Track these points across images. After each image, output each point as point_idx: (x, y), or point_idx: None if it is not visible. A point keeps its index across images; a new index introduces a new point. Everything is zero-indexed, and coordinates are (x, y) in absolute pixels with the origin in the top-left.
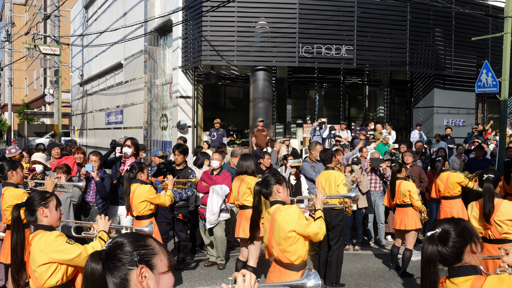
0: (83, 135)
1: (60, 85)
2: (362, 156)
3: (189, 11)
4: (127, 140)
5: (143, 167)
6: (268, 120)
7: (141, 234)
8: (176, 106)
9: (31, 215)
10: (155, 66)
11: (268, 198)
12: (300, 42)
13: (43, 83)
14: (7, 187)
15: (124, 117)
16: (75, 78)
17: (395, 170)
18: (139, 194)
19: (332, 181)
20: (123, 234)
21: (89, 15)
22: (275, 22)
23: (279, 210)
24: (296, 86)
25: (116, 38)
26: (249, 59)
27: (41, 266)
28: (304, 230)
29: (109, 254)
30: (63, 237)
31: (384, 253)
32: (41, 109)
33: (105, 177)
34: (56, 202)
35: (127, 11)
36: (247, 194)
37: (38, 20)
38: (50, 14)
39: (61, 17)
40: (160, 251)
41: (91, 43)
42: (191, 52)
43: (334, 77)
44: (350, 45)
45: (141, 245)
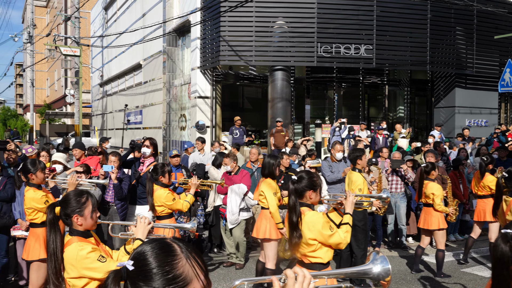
0: (103, 135)
1: (80, 85)
2: (381, 156)
3: (207, 11)
4: (146, 140)
5: (165, 170)
6: (287, 120)
7: (172, 257)
8: (195, 106)
9: (66, 219)
10: (173, 66)
11: (298, 198)
12: (319, 41)
13: (64, 84)
14: (29, 188)
15: (143, 117)
16: (95, 79)
17: (424, 170)
18: (157, 198)
19: (350, 183)
20: (149, 251)
21: (108, 16)
22: (293, 22)
23: (304, 215)
24: (314, 86)
25: (135, 39)
26: (267, 59)
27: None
28: (326, 241)
29: (131, 279)
30: (96, 253)
31: (405, 255)
32: (62, 109)
33: (124, 178)
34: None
35: (146, 12)
36: (262, 196)
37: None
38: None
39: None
40: (193, 276)
41: (111, 44)
42: (209, 52)
43: (353, 76)
44: (369, 45)
45: (169, 279)
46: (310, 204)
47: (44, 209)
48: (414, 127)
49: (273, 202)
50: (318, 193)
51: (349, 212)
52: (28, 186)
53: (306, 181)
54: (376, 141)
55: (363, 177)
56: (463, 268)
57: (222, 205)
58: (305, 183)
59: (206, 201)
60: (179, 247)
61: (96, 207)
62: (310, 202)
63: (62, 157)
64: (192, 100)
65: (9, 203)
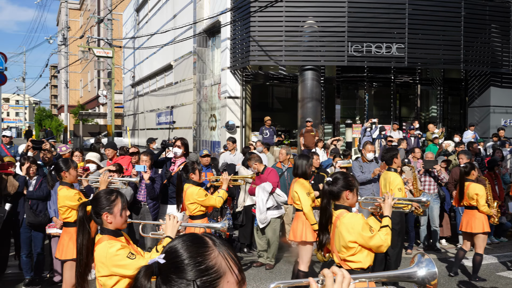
0: (135, 135)
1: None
2: (414, 157)
3: (237, 11)
4: (177, 140)
5: (195, 167)
6: (317, 120)
7: (203, 248)
8: (225, 107)
9: (97, 217)
10: (204, 67)
11: (334, 200)
12: (349, 41)
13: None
14: (62, 187)
15: (174, 117)
16: (127, 80)
17: (463, 171)
18: (189, 196)
19: (388, 183)
20: (180, 243)
21: (140, 18)
22: (324, 21)
23: (343, 217)
24: (345, 85)
25: (166, 40)
26: (297, 59)
27: (103, 276)
28: (366, 243)
29: (163, 273)
30: (125, 250)
31: (438, 258)
32: (95, 110)
33: (156, 177)
34: (122, 206)
35: (176, 13)
36: (296, 197)
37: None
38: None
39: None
40: (227, 268)
41: (142, 45)
42: (239, 52)
43: (385, 76)
44: (401, 43)
45: (202, 270)
46: (348, 206)
47: (77, 207)
48: (447, 127)
49: (306, 203)
50: (355, 194)
51: (388, 214)
52: (61, 185)
53: (341, 181)
54: (408, 141)
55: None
56: (499, 271)
57: (254, 205)
58: (341, 184)
59: (236, 201)
60: (210, 240)
61: (126, 206)
62: (348, 203)
63: (96, 157)
64: (222, 100)
65: (45, 201)
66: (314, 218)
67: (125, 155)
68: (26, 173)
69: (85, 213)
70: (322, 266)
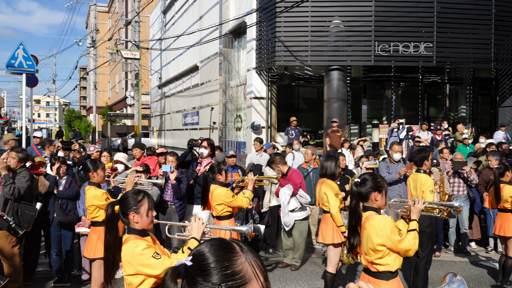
0: (161, 135)
1: (140, 87)
2: (442, 158)
3: (263, 12)
4: (204, 141)
5: (221, 168)
6: (343, 121)
7: (231, 253)
8: (250, 107)
9: (124, 217)
10: (229, 67)
11: (363, 201)
12: (376, 40)
13: (125, 86)
14: (90, 187)
15: (200, 118)
16: (154, 81)
17: (497, 172)
18: (216, 197)
19: (419, 185)
20: (208, 247)
21: (167, 19)
22: (350, 21)
23: (372, 219)
24: (371, 85)
25: (192, 41)
26: (323, 59)
27: (129, 275)
28: (395, 246)
29: (189, 276)
30: (150, 249)
31: (466, 261)
32: (123, 111)
33: (182, 178)
34: (148, 206)
35: (202, 14)
36: (324, 199)
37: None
38: (131, 20)
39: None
40: (252, 275)
41: (169, 46)
42: (265, 53)
43: (412, 75)
44: (429, 42)
45: (228, 274)
46: (376, 208)
47: (105, 206)
48: (477, 127)
49: (334, 204)
50: (384, 195)
51: (415, 218)
52: (89, 185)
53: (370, 182)
54: (435, 142)
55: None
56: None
57: (279, 205)
58: (370, 185)
59: (261, 202)
60: (238, 246)
61: (152, 206)
62: (376, 205)
63: (124, 157)
64: (247, 101)
65: (74, 200)
66: (342, 220)
67: (152, 155)
68: (56, 173)
69: (113, 212)
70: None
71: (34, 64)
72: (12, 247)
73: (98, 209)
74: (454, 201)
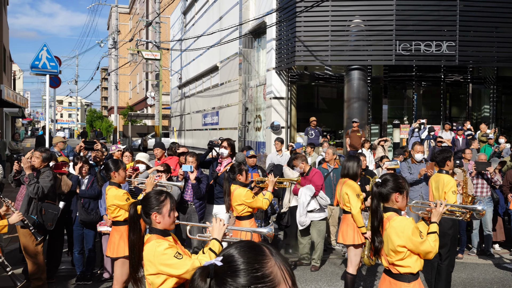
0: (181, 135)
1: (160, 88)
2: (465, 158)
3: (282, 12)
4: (224, 141)
5: (242, 169)
6: (363, 121)
7: (261, 256)
8: (270, 107)
9: (146, 217)
10: (249, 68)
11: (383, 202)
12: (397, 39)
13: (145, 87)
14: (111, 187)
15: (219, 118)
16: (174, 81)
17: None
18: (237, 197)
19: (441, 186)
20: (239, 248)
21: (187, 20)
22: (371, 20)
23: (392, 220)
24: (392, 85)
25: (212, 41)
26: (343, 58)
27: (151, 275)
28: (416, 248)
29: (218, 276)
30: (172, 249)
31: (490, 263)
32: (143, 111)
33: (202, 178)
34: (170, 206)
35: (222, 15)
36: (346, 199)
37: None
38: (151, 21)
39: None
40: (281, 279)
41: (189, 47)
42: (284, 53)
43: (434, 75)
44: (451, 41)
45: (258, 277)
46: (397, 209)
47: (126, 206)
48: (501, 127)
49: (356, 204)
50: (405, 197)
51: (436, 221)
52: (110, 185)
53: (391, 183)
54: (456, 142)
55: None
56: None
57: None
58: (391, 186)
59: (281, 202)
60: (268, 250)
61: (174, 207)
62: (397, 206)
63: (145, 157)
64: (267, 101)
65: (96, 200)
66: (363, 221)
67: (173, 155)
68: (79, 173)
69: (136, 212)
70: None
71: (57, 65)
72: (36, 245)
73: (119, 209)
74: (477, 204)
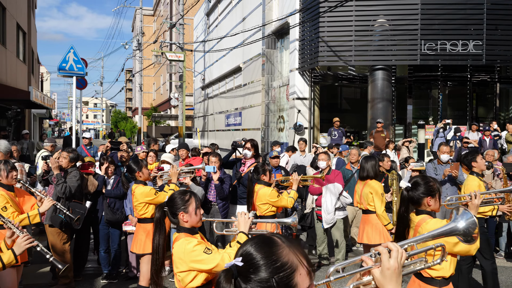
0: (204, 136)
1: (184, 89)
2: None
3: (306, 12)
4: (247, 142)
5: (266, 169)
6: (387, 121)
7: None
8: (293, 108)
9: (173, 217)
10: (272, 68)
11: (415, 206)
12: (423, 39)
13: (169, 88)
14: (137, 185)
15: (242, 119)
16: (197, 82)
17: None
18: (261, 196)
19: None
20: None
21: (210, 22)
22: (395, 19)
23: (426, 223)
24: (417, 85)
25: (235, 42)
26: (367, 58)
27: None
28: (451, 249)
29: (242, 275)
30: (201, 245)
31: None
32: (167, 112)
33: (225, 178)
34: (196, 204)
35: (245, 16)
36: (370, 198)
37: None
38: (175, 23)
39: (185, 25)
40: (298, 262)
41: (212, 48)
42: (308, 53)
43: (460, 74)
44: (478, 40)
45: (278, 267)
46: (431, 211)
47: (155, 200)
48: None
49: (380, 204)
50: (437, 199)
51: (474, 214)
52: (136, 184)
53: (422, 187)
54: (483, 143)
55: (480, 180)
56: None
57: (318, 207)
58: (422, 190)
59: (304, 203)
60: (279, 239)
61: (199, 205)
62: (430, 209)
63: (170, 158)
64: (290, 102)
65: (122, 199)
66: (388, 218)
67: (197, 156)
68: (105, 173)
69: (162, 214)
70: None
71: (83, 67)
72: (63, 244)
73: (147, 206)
74: None
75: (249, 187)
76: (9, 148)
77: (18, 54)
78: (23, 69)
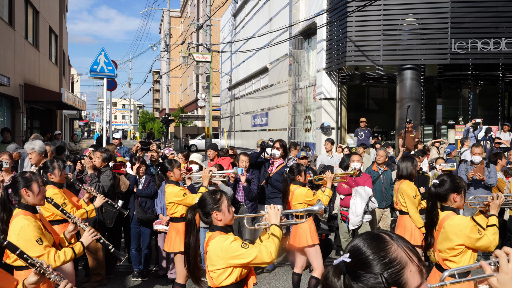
0: (231, 137)
1: (211, 90)
2: None
3: (333, 12)
4: (276, 142)
5: (301, 169)
6: (416, 121)
7: (384, 243)
8: (320, 108)
9: (206, 218)
10: (299, 69)
11: (442, 202)
12: (453, 37)
13: (196, 89)
14: (169, 185)
15: (269, 119)
16: (224, 83)
17: None
18: (298, 196)
19: None
20: (362, 242)
21: (237, 22)
22: (425, 18)
23: (450, 219)
24: (447, 84)
25: (262, 43)
26: (396, 58)
27: (218, 269)
28: (473, 244)
29: (350, 271)
30: (238, 241)
31: None
32: (194, 112)
33: (253, 179)
34: (227, 202)
35: (272, 16)
36: (402, 200)
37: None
38: (202, 24)
39: (212, 26)
40: (407, 259)
41: (239, 49)
42: (335, 53)
43: (491, 73)
44: (511, 38)
45: (387, 263)
46: (455, 208)
47: (184, 201)
48: None
49: (412, 205)
50: (463, 196)
51: (494, 213)
52: (167, 183)
53: (448, 184)
54: None
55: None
56: None
57: (343, 207)
58: (448, 186)
59: (332, 203)
60: (387, 236)
61: (230, 202)
62: (455, 206)
63: (199, 158)
64: (317, 102)
65: (152, 199)
66: (422, 221)
67: (225, 156)
68: (136, 173)
69: (193, 216)
70: None
71: (114, 69)
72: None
73: (176, 206)
74: None
75: (284, 187)
76: (44, 148)
77: (50, 57)
78: (55, 71)
